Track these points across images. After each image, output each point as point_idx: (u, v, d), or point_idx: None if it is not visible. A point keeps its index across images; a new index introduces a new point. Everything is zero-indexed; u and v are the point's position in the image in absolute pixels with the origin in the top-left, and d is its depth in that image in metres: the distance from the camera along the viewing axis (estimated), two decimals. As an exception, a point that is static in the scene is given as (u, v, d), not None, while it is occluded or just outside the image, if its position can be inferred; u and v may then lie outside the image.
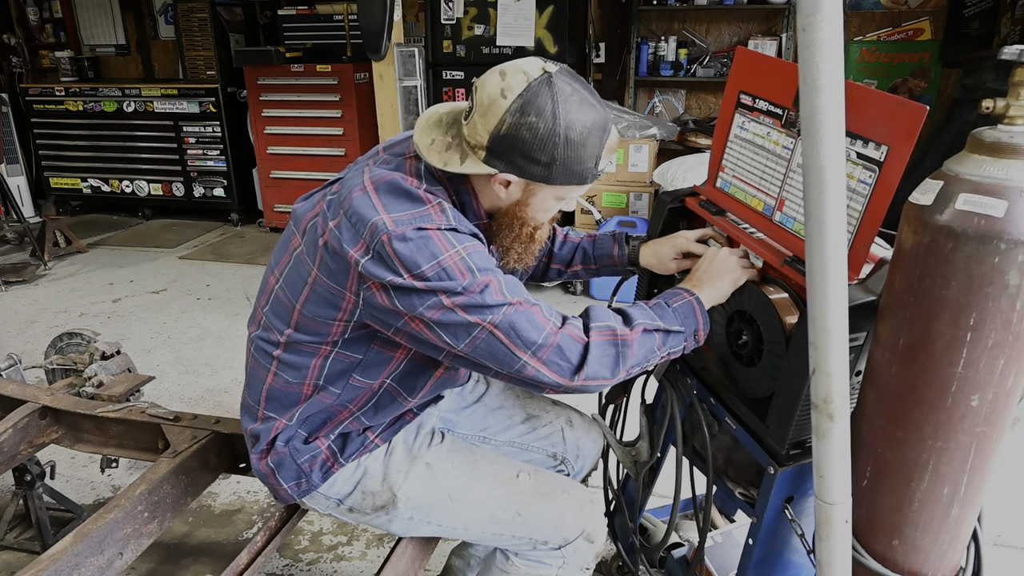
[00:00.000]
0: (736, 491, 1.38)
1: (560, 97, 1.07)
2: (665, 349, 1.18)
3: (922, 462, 0.97)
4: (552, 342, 1.10)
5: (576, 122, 1.09)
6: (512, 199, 1.19)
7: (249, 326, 1.35)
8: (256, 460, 1.31)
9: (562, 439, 1.57)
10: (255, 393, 1.31)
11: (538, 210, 1.21)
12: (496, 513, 1.33)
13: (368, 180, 1.14)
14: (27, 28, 6.25)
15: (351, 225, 1.11)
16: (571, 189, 1.17)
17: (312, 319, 1.19)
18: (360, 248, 1.09)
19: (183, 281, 4.51)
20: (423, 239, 1.07)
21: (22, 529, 2.17)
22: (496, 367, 1.11)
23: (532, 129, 1.07)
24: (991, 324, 0.86)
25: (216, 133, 5.39)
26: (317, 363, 1.24)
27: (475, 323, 1.08)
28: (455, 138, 1.15)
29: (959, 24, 4.28)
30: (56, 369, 2.47)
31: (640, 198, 4.24)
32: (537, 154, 1.09)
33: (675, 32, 4.78)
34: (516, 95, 1.07)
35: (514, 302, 1.10)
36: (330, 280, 1.15)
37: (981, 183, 0.85)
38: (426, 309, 1.08)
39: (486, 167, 1.12)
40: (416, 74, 3.43)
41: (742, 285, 1.24)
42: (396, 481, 1.31)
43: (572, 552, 1.36)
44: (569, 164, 1.11)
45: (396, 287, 1.08)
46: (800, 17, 0.79)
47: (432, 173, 1.18)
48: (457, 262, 1.07)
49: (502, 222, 1.23)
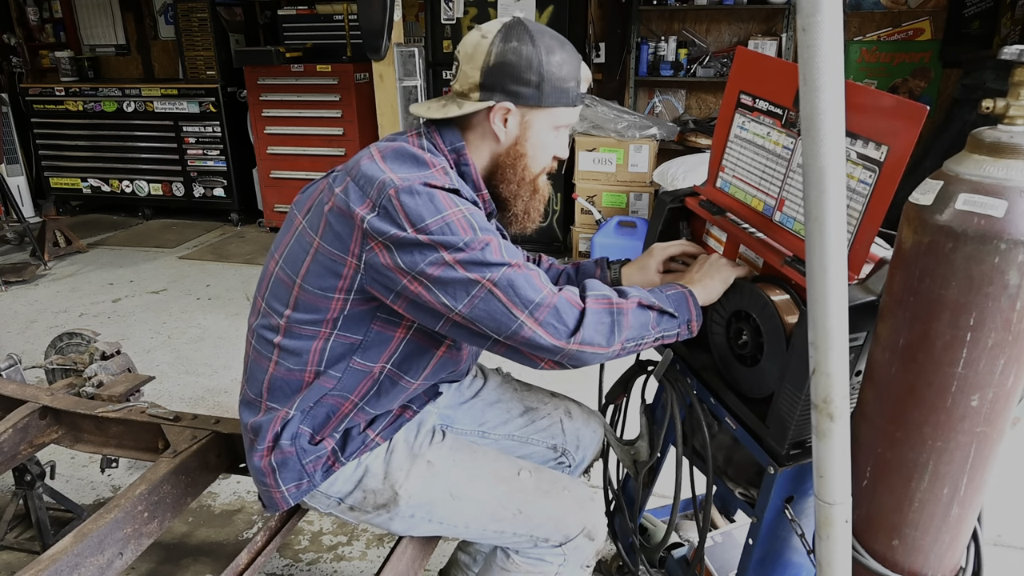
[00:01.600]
0: (736, 491, 1.38)
1: (533, 27, 1.22)
2: (659, 330, 1.21)
3: (922, 462, 0.97)
4: (549, 303, 1.12)
5: (552, 44, 1.21)
6: (511, 138, 1.26)
7: (250, 317, 1.35)
8: (257, 458, 1.29)
9: (561, 430, 1.58)
10: (256, 385, 1.30)
11: (536, 144, 1.27)
12: (497, 511, 1.33)
13: (375, 150, 1.21)
14: (27, 28, 6.25)
15: (358, 187, 1.15)
16: (562, 113, 1.26)
17: (311, 293, 1.20)
18: (367, 206, 1.12)
19: (183, 281, 4.51)
20: (428, 195, 1.11)
21: (22, 529, 2.17)
22: (493, 330, 1.12)
23: (517, 53, 1.19)
24: (991, 324, 0.86)
25: (216, 133, 5.39)
26: (318, 346, 1.24)
27: (475, 280, 1.10)
28: (448, 99, 1.27)
29: (959, 24, 4.28)
30: (56, 369, 2.47)
31: (640, 198, 4.24)
32: (526, 74, 1.19)
33: (675, 32, 4.78)
34: (495, 32, 1.20)
35: (513, 263, 1.13)
36: (332, 246, 1.17)
37: (981, 183, 0.85)
38: (427, 265, 1.10)
39: (483, 103, 1.21)
40: (416, 74, 3.43)
41: (739, 285, 1.25)
42: (398, 479, 1.31)
43: (573, 549, 1.36)
44: (556, 82, 1.21)
45: (399, 242, 1.10)
46: (800, 17, 0.79)
47: (435, 144, 1.25)
48: (460, 219, 1.11)
49: (503, 173, 1.29)
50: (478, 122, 1.25)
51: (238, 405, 1.38)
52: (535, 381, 1.68)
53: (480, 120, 1.25)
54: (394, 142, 1.24)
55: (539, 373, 1.24)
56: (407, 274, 1.11)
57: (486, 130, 1.25)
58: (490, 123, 1.24)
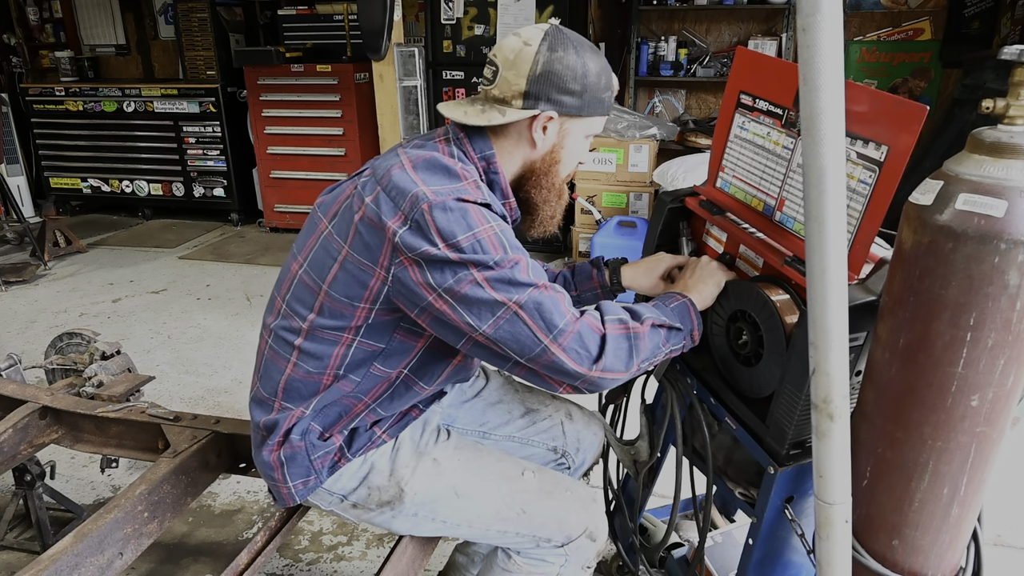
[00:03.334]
0: (736, 491, 1.38)
1: (574, 37, 1.22)
2: (668, 346, 1.21)
3: (922, 462, 0.97)
4: (573, 329, 1.12)
5: (591, 54, 1.22)
6: (548, 145, 1.26)
7: (266, 317, 1.34)
8: (267, 452, 1.28)
9: (562, 432, 1.58)
10: (271, 385, 1.29)
11: (571, 152, 1.29)
12: (501, 510, 1.34)
13: (406, 159, 1.19)
14: (27, 28, 6.25)
15: (390, 198, 1.14)
16: (596, 122, 1.28)
17: (337, 301, 1.20)
18: (398, 219, 1.12)
19: (183, 281, 4.51)
20: (461, 211, 1.11)
21: (22, 529, 2.17)
22: (516, 352, 1.12)
23: (563, 62, 1.19)
24: (991, 324, 0.86)
25: (216, 133, 5.39)
26: (339, 352, 1.23)
27: (501, 302, 1.10)
28: (484, 103, 1.25)
29: (959, 24, 4.28)
30: (56, 369, 2.47)
31: (640, 198, 4.24)
32: (571, 84, 1.20)
33: (675, 32, 4.78)
34: (540, 40, 1.19)
35: (540, 284, 1.13)
36: (361, 256, 1.16)
37: (981, 183, 0.85)
38: (456, 282, 1.09)
39: (527, 111, 1.21)
40: (416, 74, 3.43)
41: (739, 285, 1.26)
42: (403, 476, 1.31)
43: (574, 550, 1.37)
44: (595, 92, 1.23)
45: (429, 259, 1.10)
46: (800, 17, 0.79)
47: (465, 152, 1.24)
48: (491, 236, 1.11)
49: (537, 179, 1.29)
50: (515, 127, 1.24)
51: (248, 402, 1.37)
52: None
53: (519, 127, 1.24)
54: (424, 149, 1.22)
55: None
56: (434, 291, 1.11)
57: (522, 137, 1.25)
58: (530, 131, 1.23)
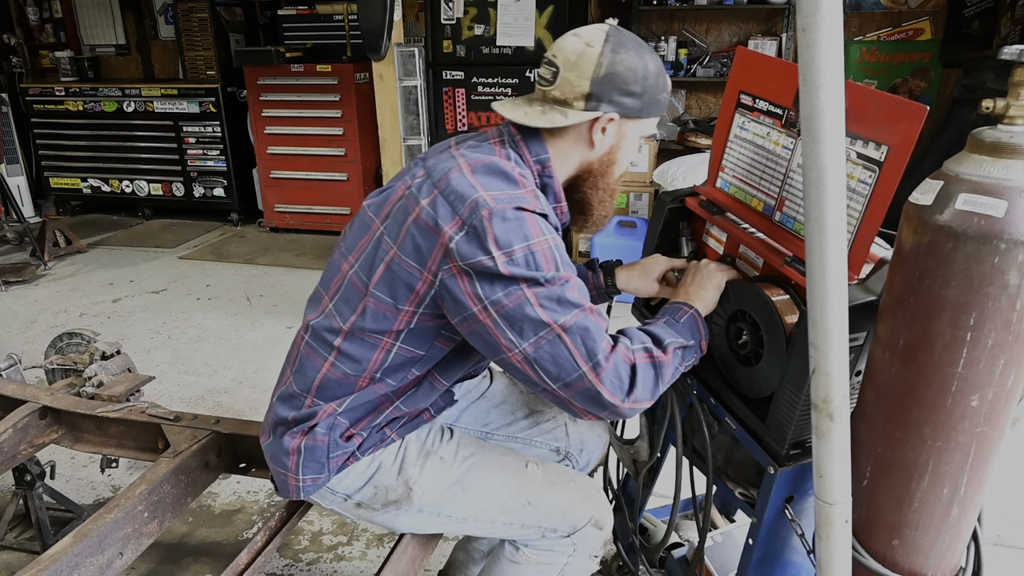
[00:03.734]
0: (736, 491, 1.38)
1: (633, 38, 1.22)
2: (684, 365, 1.22)
3: (922, 462, 0.97)
4: (610, 359, 1.11)
5: (650, 56, 1.22)
6: (606, 146, 1.26)
7: (308, 313, 1.32)
8: (289, 438, 1.27)
9: (565, 434, 1.58)
10: (304, 381, 1.28)
11: (626, 152, 1.29)
12: (507, 502, 1.34)
13: (464, 162, 1.18)
14: (27, 28, 6.25)
15: (448, 203, 1.13)
16: (651, 122, 1.29)
17: (381, 302, 1.19)
18: (455, 224, 1.11)
19: (183, 281, 4.51)
20: (519, 220, 1.10)
21: (22, 529, 2.17)
22: (553, 376, 1.11)
23: (626, 64, 1.19)
24: (991, 324, 0.86)
25: (216, 133, 5.38)
26: (378, 357, 1.23)
27: (546, 322, 1.09)
28: (543, 104, 1.23)
29: (959, 24, 4.28)
30: (56, 369, 2.47)
31: (640, 198, 4.24)
32: (633, 86, 1.20)
33: (675, 32, 4.78)
34: (602, 41, 1.18)
35: (587, 307, 1.13)
36: (410, 258, 1.15)
37: (981, 183, 0.85)
38: (505, 296, 1.09)
39: (590, 113, 1.20)
40: (416, 74, 3.43)
41: (739, 285, 1.26)
42: (412, 475, 1.31)
43: (581, 539, 1.37)
44: (654, 93, 1.23)
45: (480, 270, 1.09)
46: (800, 17, 0.79)
47: (521, 155, 1.24)
48: (545, 250, 1.11)
49: (593, 180, 1.30)
50: (573, 130, 1.24)
51: (273, 397, 1.35)
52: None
53: (578, 128, 1.23)
54: (480, 152, 1.21)
55: None
56: (480, 302, 1.10)
57: (581, 137, 1.24)
58: (590, 132, 1.23)
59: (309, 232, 5.45)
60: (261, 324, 3.78)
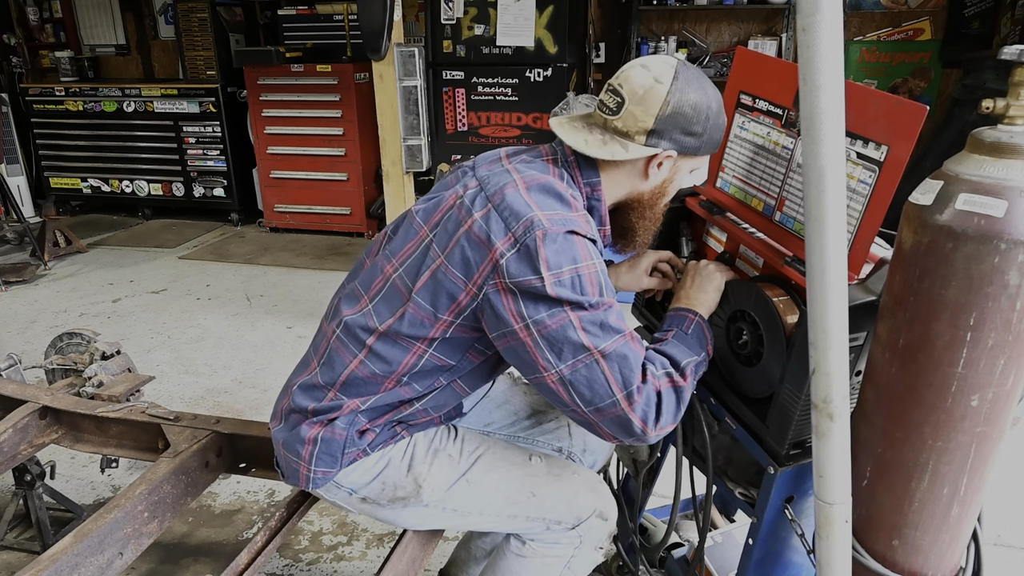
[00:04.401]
0: (736, 491, 1.38)
1: (699, 75, 1.22)
2: (697, 378, 1.22)
3: (922, 462, 0.97)
4: (643, 389, 1.12)
5: (714, 95, 1.22)
6: (659, 180, 1.27)
7: (343, 307, 1.31)
8: (307, 427, 1.27)
9: (568, 434, 1.59)
10: (331, 375, 1.28)
11: (676, 185, 1.30)
12: (512, 495, 1.35)
13: (520, 179, 1.18)
14: (27, 28, 6.25)
15: (502, 219, 1.13)
16: (706, 159, 1.29)
17: (421, 309, 1.19)
18: (507, 240, 1.11)
19: (183, 281, 4.51)
20: (570, 243, 1.11)
21: (22, 529, 2.17)
22: (586, 400, 1.12)
23: (692, 104, 1.19)
24: (991, 324, 0.86)
25: (216, 133, 5.38)
26: (409, 361, 1.24)
27: (587, 346, 1.10)
28: (604, 133, 1.23)
29: (959, 24, 4.29)
30: (56, 369, 2.47)
31: (640, 198, 4.23)
32: (695, 127, 1.20)
33: (675, 32, 4.78)
34: (671, 79, 1.18)
35: (628, 333, 1.13)
36: (457, 269, 1.16)
37: (981, 183, 0.85)
38: (548, 316, 1.10)
39: (650, 149, 1.20)
40: (416, 74, 3.43)
41: (739, 285, 1.26)
42: (421, 472, 1.32)
43: (587, 530, 1.38)
44: (713, 133, 1.24)
45: (527, 289, 1.10)
46: (800, 17, 0.79)
47: (573, 177, 1.24)
48: (592, 274, 1.12)
49: (641, 209, 1.30)
50: (631, 162, 1.24)
51: (294, 387, 1.33)
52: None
53: (636, 162, 1.24)
54: (534, 168, 1.22)
55: None
56: (522, 320, 1.11)
57: (636, 170, 1.25)
58: (647, 167, 1.23)
59: (309, 232, 5.46)
60: (261, 324, 3.78)
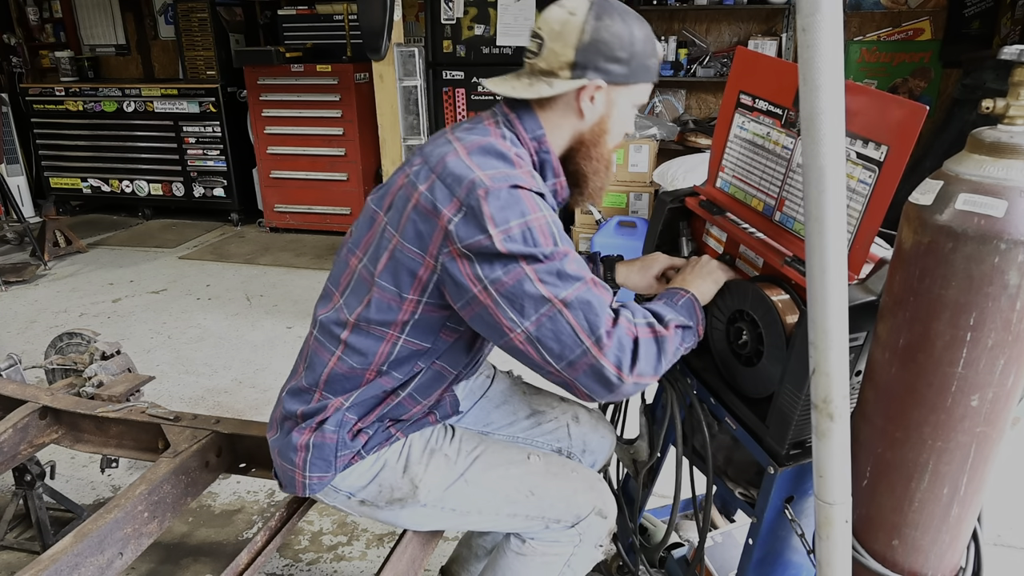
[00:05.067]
0: (736, 491, 1.38)
1: (618, 5, 1.21)
2: (684, 346, 1.22)
3: (922, 462, 0.97)
4: (612, 333, 1.11)
5: (637, 22, 1.21)
6: (596, 115, 1.25)
7: (318, 308, 1.33)
8: (298, 434, 1.28)
9: (567, 435, 1.58)
10: (313, 376, 1.29)
11: (618, 121, 1.28)
12: (510, 493, 1.35)
13: (459, 145, 1.18)
14: (27, 28, 6.25)
15: (445, 185, 1.13)
16: (642, 90, 1.27)
17: (385, 291, 1.20)
18: (453, 206, 1.11)
19: (183, 281, 4.51)
20: (515, 198, 1.11)
21: (22, 529, 2.17)
22: (556, 355, 1.11)
23: (610, 30, 1.18)
24: (991, 324, 0.86)
25: (216, 133, 5.38)
26: (384, 350, 1.24)
27: (547, 298, 1.09)
28: (530, 77, 1.24)
29: (959, 24, 4.28)
30: (56, 369, 2.47)
31: (640, 198, 4.24)
32: (619, 52, 1.19)
33: (675, 32, 4.78)
34: (586, 9, 1.18)
35: (587, 279, 1.13)
36: (412, 244, 1.16)
37: (981, 183, 0.85)
38: (504, 273, 1.09)
39: (576, 81, 1.20)
40: (416, 74, 3.43)
41: (739, 285, 1.26)
42: (417, 473, 1.32)
43: (586, 528, 1.38)
44: (642, 59, 1.22)
45: (479, 250, 1.09)
46: (800, 17, 0.79)
47: (517, 134, 1.24)
48: (543, 226, 1.11)
49: (586, 150, 1.29)
50: (562, 99, 1.23)
51: (283, 395, 1.35)
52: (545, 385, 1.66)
53: (566, 99, 1.23)
54: (476, 133, 1.21)
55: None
56: (480, 283, 1.11)
57: (570, 107, 1.24)
58: (578, 101, 1.22)
59: (309, 232, 5.46)
60: (261, 324, 3.78)
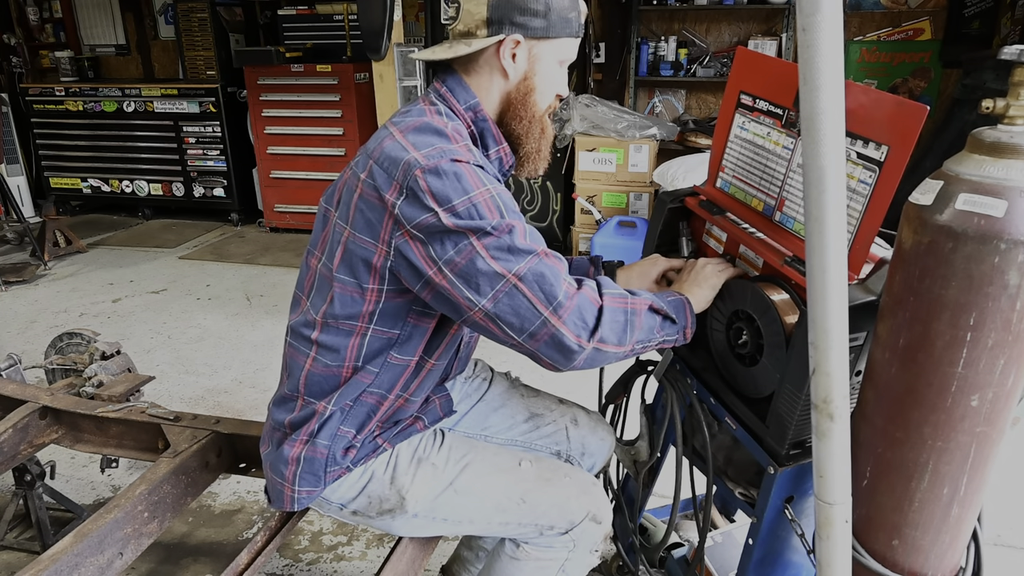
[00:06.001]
0: (736, 491, 1.38)
1: None
2: (663, 334, 1.21)
3: (922, 462, 0.97)
4: (572, 300, 1.11)
5: None
6: (520, 72, 1.24)
7: (290, 315, 1.35)
8: (289, 447, 1.27)
9: (566, 437, 1.57)
10: (294, 382, 1.29)
11: (545, 78, 1.26)
12: (501, 502, 1.34)
13: (396, 130, 1.18)
14: (27, 28, 6.25)
15: (383, 170, 1.14)
16: (566, 44, 1.26)
17: (346, 285, 1.20)
18: (394, 190, 1.11)
19: (183, 281, 4.51)
20: (455, 173, 1.10)
21: (22, 529, 2.17)
22: (516, 328, 1.11)
23: None
24: (991, 324, 0.86)
25: (216, 133, 5.38)
26: (355, 343, 1.24)
27: (500, 274, 1.09)
28: (452, 41, 1.24)
29: (959, 24, 4.28)
30: (56, 369, 2.47)
31: (640, 198, 4.24)
32: (534, 4, 1.19)
33: (675, 32, 4.78)
34: None
35: (539, 251, 1.12)
36: (363, 234, 1.16)
37: (981, 183, 0.85)
38: (456, 253, 1.09)
39: (493, 38, 1.20)
40: (416, 74, 3.43)
41: (739, 285, 1.26)
42: (404, 484, 1.31)
43: (580, 534, 1.37)
44: (561, 11, 1.21)
45: (428, 229, 1.09)
46: (800, 17, 0.79)
47: (451, 107, 1.24)
48: (487, 199, 1.10)
49: (515, 110, 1.27)
50: (485, 60, 1.23)
51: (270, 406, 1.36)
52: (543, 386, 1.66)
53: (488, 58, 1.23)
54: (410, 116, 1.21)
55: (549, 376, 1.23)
56: (435, 264, 1.11)
57: (494, 67, 1.24)
58: (499, 59, 1.22)
59: (309, 232, 5.41)
60: (261, 324, 3.78)
